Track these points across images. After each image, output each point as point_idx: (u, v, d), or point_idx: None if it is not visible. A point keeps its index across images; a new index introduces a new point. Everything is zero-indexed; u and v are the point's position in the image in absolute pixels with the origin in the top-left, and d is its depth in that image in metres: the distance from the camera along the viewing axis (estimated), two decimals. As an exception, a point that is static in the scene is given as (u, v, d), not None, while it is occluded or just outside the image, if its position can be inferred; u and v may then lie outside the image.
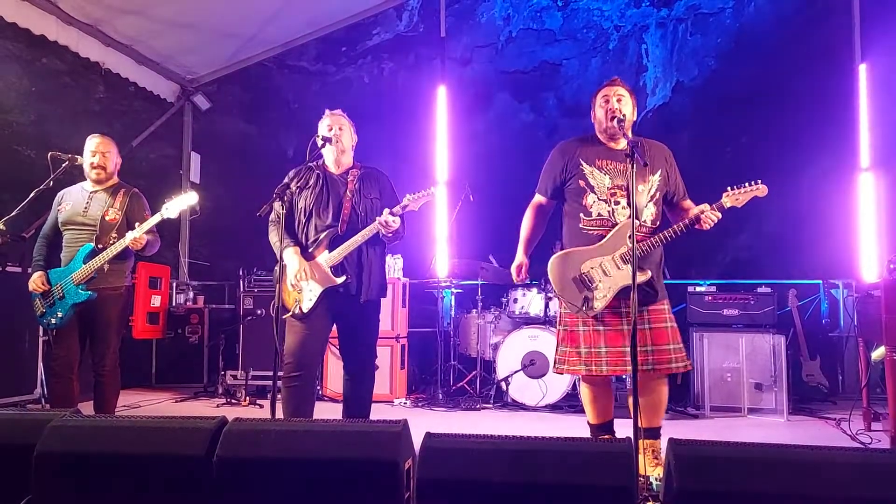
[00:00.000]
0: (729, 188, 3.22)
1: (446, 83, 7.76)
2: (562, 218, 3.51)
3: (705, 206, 3.23)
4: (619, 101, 3.34)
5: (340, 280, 3.51)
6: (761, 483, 2.04)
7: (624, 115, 3.28)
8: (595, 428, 3.49)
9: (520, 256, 3.59)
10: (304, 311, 3.52)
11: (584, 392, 3.50)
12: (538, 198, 3.56)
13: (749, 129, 7.28)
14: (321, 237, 3.56)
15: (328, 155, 3.70)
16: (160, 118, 7.65)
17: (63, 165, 4.13)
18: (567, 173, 3.41)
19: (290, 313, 3.54)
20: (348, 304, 3.58)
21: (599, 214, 3.32)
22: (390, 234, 3.54)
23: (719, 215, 3.22)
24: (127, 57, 6.93)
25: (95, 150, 4.09)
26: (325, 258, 3.53)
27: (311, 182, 3.64)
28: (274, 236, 3.58)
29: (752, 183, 3.20)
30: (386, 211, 3.50)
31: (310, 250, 3.58)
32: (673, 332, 3.30)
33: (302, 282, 3.53)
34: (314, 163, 3.72)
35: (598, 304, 3.27)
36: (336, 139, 3.64)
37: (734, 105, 7.30)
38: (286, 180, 3.64)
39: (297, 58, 8.17)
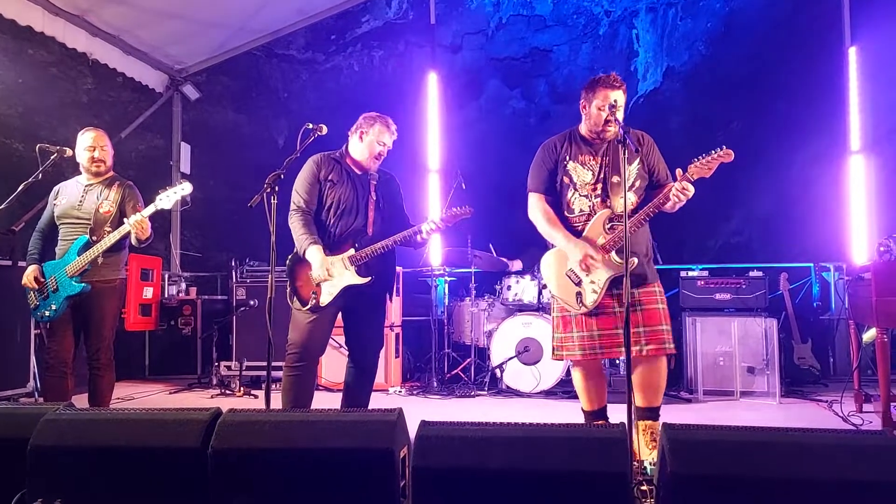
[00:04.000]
0: (695, 158, 3.09)
1: (437, 71, 7.73)
2: None
3: (676, 185, 3.14)
4: (619, 108, 3.26)
5: (365, 281, 3.53)
6: (755, 466, 2.05)
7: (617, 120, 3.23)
8: (589, 415, 3.51)
9: (577, 243, 3.28)
10: (322, 304, 3.53)
11: (577, 379, 3.51)
12: (538, 196, 3.46)
13: (740, 114, 7.29)
14: (347, 235, 3.58)
15: (356, 154, 3.70)
16: (149, 109, 7.60)
17: (52, 158, 4.10)
18: (553, 169, 3.43)
19: (308, 306, 3.53)
20: (359, 299, 3.60)
21: (581, 210, 3.35)
22: (421, 241, 3.60)
23: (690, 189, 3.10)
24: (114, 47, 6.87)
25: (94, 145, 4.05)
26: (351, 257, 3.54)
27: (342, 178, 3.65)
28: (299, 227, 3.57)
29: (718, 149, 3.08)
30: (430, 218, 3.57)
31: (335, 247, 3.59)
32: (664, 313, 3.31)
33: (324, 276, 3.54)
34: (336, 153, 3.73)
35: (589, 300, 3.29)
36: (383, 156, 3.72)
37: (725, 90, 7.30)
38: (279, 171, 3.61)
39: (286, 46, 8.12)
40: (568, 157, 3.39)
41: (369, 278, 3.54)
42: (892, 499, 1.97)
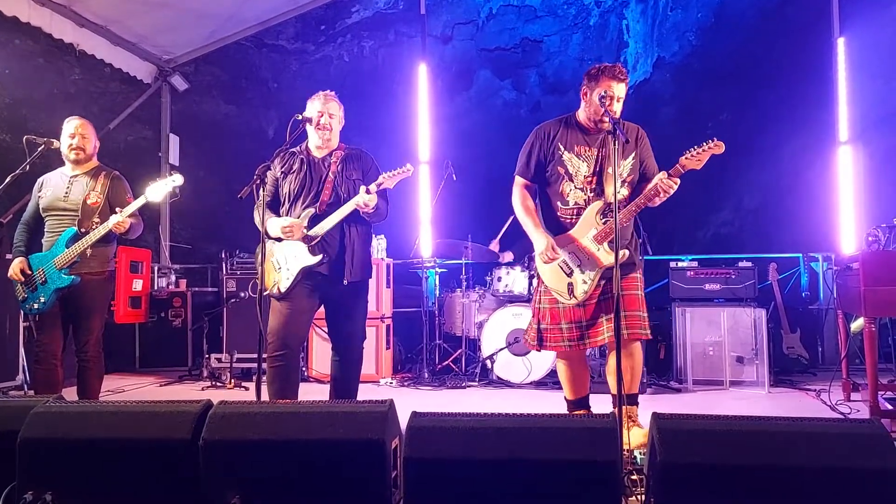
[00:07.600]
0: (687, 151, 3.08)
1: (427, 61, 7.70)
2: (537, 203, 3.49)
3: (662, 175, 3.13)
4: (618, 101, 3.27)
5: (316, 259, 3.48)
6: (744, 455, 2.07)
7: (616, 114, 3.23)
8: (571, 403, 3.53)
9: (543, 235, 3.33)
10: (282, 290, 3.51)
11: (562, 369, 3.53)
12: (521, 180, 3.48)
13: (729, 105, 7.31)
14: (301, 219, 3.54)
15: (312, 137, 3.66)
16: (137, 100, 7.54)
17: (39, 149, 4.06)
18: (546, 157, 3.38)
19: (268, 292, 3.53)
20: (333, 285, 3.56)
21: (576, 203, 3.33)
22: (371, 212, 3.51)
23: (675, 183, 3.09)
24: (101, 38, 6.80)
25: (74, 133, 4.02)
26: (304, 238, 3.51)
27: (296, 167, 3.62)
28: (257, 217, 3.54)
29: (710, 141, 3.07)
30: (362, 189, 3.47)
31: None
32: (642, 300, 3.34)
33: (280, 262, 3.52)
34: (297, 147, 3.69)
35: (580, 291, 3.30)
36: (327, 126, 3.59)
37: (714, 80, 7.32)
38: (269, 162, 3.59)
39: (276, 37, 8.07)
40: (563, 147, 3.34)
41: (321, 257, 3.48)
42: (879, 486, 1.99)
